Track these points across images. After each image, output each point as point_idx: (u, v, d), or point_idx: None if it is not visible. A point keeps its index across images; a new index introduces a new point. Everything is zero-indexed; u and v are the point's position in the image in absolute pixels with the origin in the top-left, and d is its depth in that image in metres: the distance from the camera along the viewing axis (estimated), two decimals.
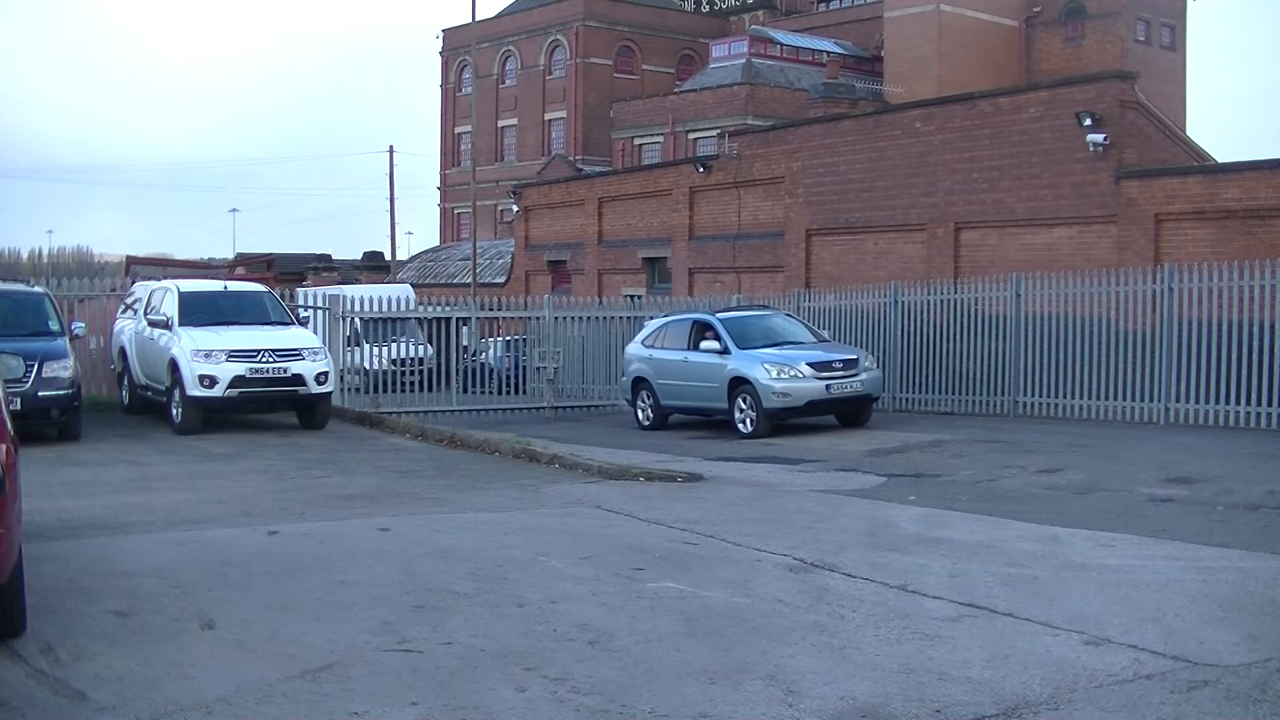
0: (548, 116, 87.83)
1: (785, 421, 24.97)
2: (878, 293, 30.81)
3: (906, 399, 29.62)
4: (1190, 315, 24.67)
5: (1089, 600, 10.30)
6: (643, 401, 28.23)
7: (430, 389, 30.23)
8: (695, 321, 27.64)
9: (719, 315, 27.44)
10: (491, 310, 32.83)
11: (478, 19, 60.89)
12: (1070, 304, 26.78)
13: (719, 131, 62.41)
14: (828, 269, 37.26)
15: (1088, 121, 30.25)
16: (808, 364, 24.81)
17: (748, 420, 24.97)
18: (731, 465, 20.37)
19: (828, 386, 24.63)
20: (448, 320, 31.28)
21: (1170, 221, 28.93)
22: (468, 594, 10.75)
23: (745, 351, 25.53)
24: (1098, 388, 26.16)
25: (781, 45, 77.24)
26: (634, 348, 28.98)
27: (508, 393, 31.81)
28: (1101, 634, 9.18)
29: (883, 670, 8.41)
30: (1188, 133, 42.97)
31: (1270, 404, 23.43)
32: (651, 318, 30.37)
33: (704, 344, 26.45)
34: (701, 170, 42.54)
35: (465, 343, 33.26)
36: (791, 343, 26.19)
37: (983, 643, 9.06)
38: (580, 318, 33.17)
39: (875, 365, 26.38)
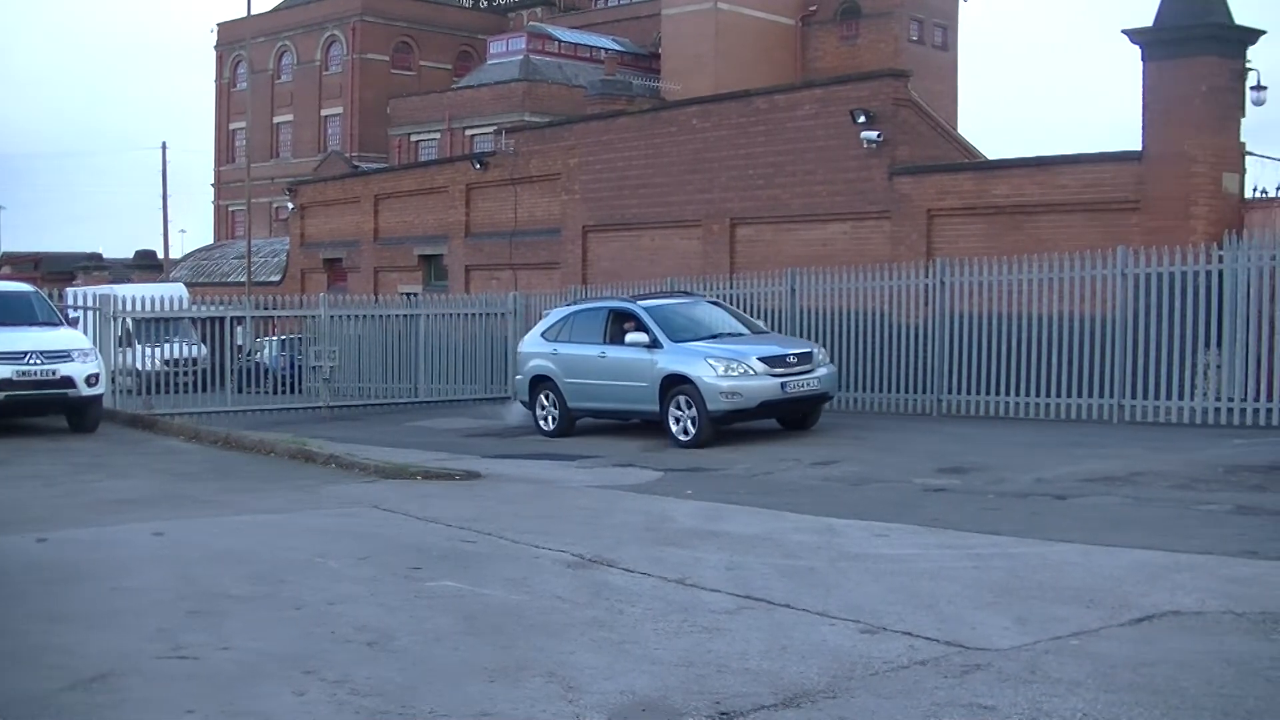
0: (324, 113, 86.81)
1: (729, 425, 22.39)
2: (654, 289, 30.87)
3: None
4: (961, 309, 25.23)
5: (865, 589, 10.45)
6: (545, 404, 24.97)
7: (205, 389, 29.70)
8: (612, 311, 24.47)
9: (642, 303, 24.18)
10: (267, 309, 32.45)
11: (253, 13, 60.12)
12: (845, 299, 27.19)
13: (496, 128, 62.17)
14: (605, 265, 37.34)
15: (862, 119, 30.65)
16: (759, 359, 21.92)
17: (686, 425, 21.96)
18: (510, 462, 20.36)
19: (783, 385, 21.88)
20: (222, 319, 30.75)
21: (942, 217, 29.46)
22: (245, 597, 10.62)
23: (681, 345, 22.56)
24: (873, 380, 26.63)
25: (560, 42, 77.30)
26: (532, 342, 25.87)
27: (284, 392, 31.34)
28: (877, 622, 9.32)
29: (662, 664, 8.45)
30: (959, 130, 43.74)
31: (1038, 394, 24.06)
32: (546, 311, 28.05)
33: (629, 336, 23.19)
34: (478, 167, 42.36)
35: (240, 342, 32.84)
36: (729, 334, 23.41)
37: (761, 634, 9.14)
38: (356, 316, 32.86)
39: (829, 359, 24.03)
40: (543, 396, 25.03)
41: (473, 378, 33.13)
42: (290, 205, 52.71)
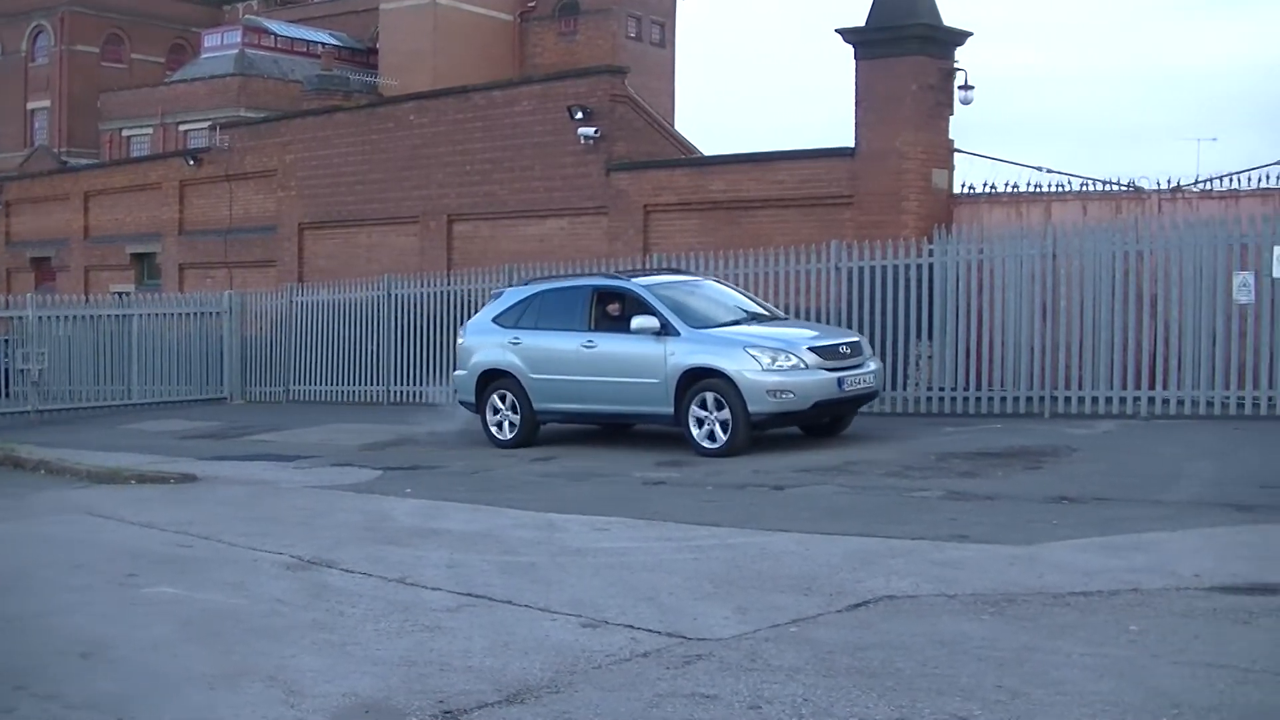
0: (30, 106, 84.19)
1: (766, 431, 18.61)
2: (371, 286, 30.67)
3: (402, 392, 29.51)
4: None
5: (586, 584, 10.50)
6: (501, 406, 20.47)
7: None
8: (596, 290, 19.99)
9: (639, 281, 19.89)
10: None
11: None
12: None
13: (211, 124, 61.07)
14: (321, 263, 36.89)
15: (579, 115, 30.72)
16: (810, 349, 18.17)
17: (715, 430, 18.05)
18: (227, 464, 20.02)
19: (840, 381, 18.17)
20: None
21: (659, 212, 29.68)
22: None
23: (704, 332, 18.57)
24: None
25: (276, 36, 76.21)
26: (479, 328, 21.27)
27: None
28: (599, 616, 9.38)
29: (384, 664, 8.42)
30: (677, 127, 44.23)
31: None
32: (497, 294, 22.39)
33: (635, 322, 18.76)
34: (192, 164, 41.53)
35: None
36: (752, 318, 19.62)
37: (483, 631, 9.16)
38: (66, 316, 31.93)
39: (874, 351, 20.28)
40: (497, 397, 20.57)
41: (188, 378, 32.47)
42: None
